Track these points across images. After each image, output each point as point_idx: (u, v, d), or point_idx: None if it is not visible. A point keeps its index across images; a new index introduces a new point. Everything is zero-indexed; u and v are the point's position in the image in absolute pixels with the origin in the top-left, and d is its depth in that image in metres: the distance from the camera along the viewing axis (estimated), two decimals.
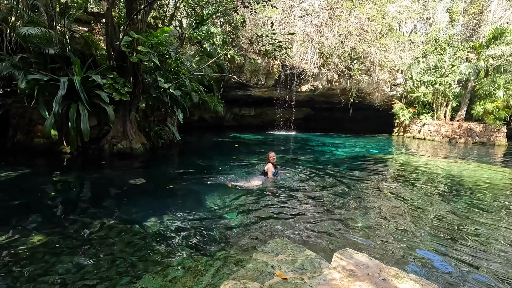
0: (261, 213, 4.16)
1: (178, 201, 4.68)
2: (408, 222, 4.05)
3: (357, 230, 3.67)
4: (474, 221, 4.16)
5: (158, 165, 7.84)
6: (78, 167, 7.14)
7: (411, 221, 4.09)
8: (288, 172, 6.78)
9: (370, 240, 3.40)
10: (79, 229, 3.46)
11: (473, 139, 17.82)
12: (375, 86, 19.18)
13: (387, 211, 4.50)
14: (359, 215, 4.20)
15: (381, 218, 4.16)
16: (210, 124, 20.32)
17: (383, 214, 4.34)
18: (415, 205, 4.85)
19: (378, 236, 3.51)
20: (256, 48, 15.50)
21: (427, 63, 19.64)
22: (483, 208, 4.82)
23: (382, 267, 1.90)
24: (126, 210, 4.18)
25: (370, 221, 3.98)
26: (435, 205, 4.89)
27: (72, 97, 7.40)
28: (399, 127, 21.42)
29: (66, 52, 8.41)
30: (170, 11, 13.19)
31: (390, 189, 5.86)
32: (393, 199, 5.13)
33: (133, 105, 8.63)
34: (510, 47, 16.31)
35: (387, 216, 4.25)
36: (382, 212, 4.41)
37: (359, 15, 16.75)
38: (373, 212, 4.37)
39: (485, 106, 17.53)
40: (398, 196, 5.37)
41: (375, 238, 3.47)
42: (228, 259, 2.73)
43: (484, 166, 9.18)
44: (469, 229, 3.85)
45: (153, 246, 3.10)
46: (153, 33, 8.02)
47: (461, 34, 21.93)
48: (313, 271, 2.25)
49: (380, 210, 4.49)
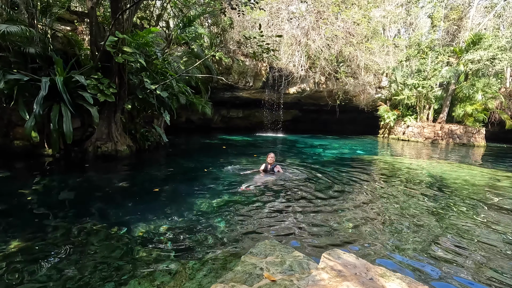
0: (249, 215, 4.15)
1: (165, 204, 4.61)
2: (394, 221, 4.14)
3: (345, 230, 3.72)
4: (456, 219, 4.30)
5: (144, 167, 7.70)
6: (60, 170, 6.91)
7: (396, 220, 4.18)
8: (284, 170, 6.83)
9: (358, 240, 3.45)
10: (61, 235, 3.34)
11: (454, 141, 18.45)
12: (361, 88, 19.58)
13: (374, 211, 4.58)
14: (347, 215, 4.26)
15: (368, 217, 4.23)
16: (198, 125, 20.15)
17: (370, 214, 4.42)
18: (400, 204, 4.97)
19: (365, 236, 3.56)
20: (244, 50, 15.53)
21: (411, 67, 20.22)
22: (464, 206, 4.98)
23: (369, 267, 1.93)
24: (111, 214, 4.08)
25: (357, 221, 4.04)
26: (419, 204, 5.02)
27: (54, 98, 7.17)
28: (384, 129, 21.92)
29: (48, 52, 8.14)
30: (157, 12, 13.04)
31: (376, 190, 5.97)
32: (379, 199, 5.23)
33: (118, 106, 8.45)
34: (488, 52, 17.02)
35: (374, 216, 4.32)
36: (369, 212, 4.49)
37: (345, 19, 17.07)
38: (360, 212, 4.44)
39: (465, 108, 18.19)
40: (384, 196, 5.48)
41: (363, 237, 3.52)
42: (216, 262, 2.70)
43: (464, 166, 9.51)
44: (452, 227, 3.97)
45: (139, 250, 3.03)
46: (139, 33, 7.89)
47: (442, 39, 22.74)
48: (301, 272, 2.25)
49: (367, 210, 4.57)
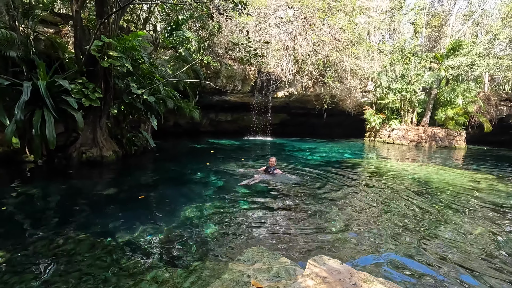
0: (237, 221, 4.16)
1: (151, 211, 4.56)
2: (379, 225, 4.24)
3: (332, 235, 3.78)
4: (439, 221, 4.44)
5: (131, 173, 7.58)
6: (43, 177, 6.71)
7: (382, 224, 4.29)
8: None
9: (344, 244, 3.51)
10: (43, 245, 3.25)
11: (437, 143, 19.05)
12: (347, 92, 19.97)
13: (360, 214, 4.68)
14: (334, 220, 4.33)
15: (354, 221, 4.31)
16: (186, 129, 19.99)
17: (356, 217, 4.51)
18: (385, 208, 5.09)
19: (351, 240, 3.64)
20: (233, 54, 15.59)
21: (395, 72, 20.81)
22: (447, 210, 5.16)
23: (353, 272, 1.98)
24: (96, 222, 4.00)
25: (344, 226, 4.11)
26: (404, 208, 5.16)
27: (36, 103, 6.98)
28: (370, 132, 22.40)
29: (30, 55, 7.94)
30: (144, 15, 12.93)
31: (363, 194, 6.10)
32: (365, 203, 5.35)
33: (104, 111, 8.30)
34: (467, 58, 17.75)
35: (360, 220, 4.42)
36: (356, 216, 4.58)
37: (331, 24, 17.43)
38: (346, 216, 4.52)
39: (447, 112, 18.85)
40: (370, 200, 5.60)
41: (349, 242, 3.59)
42: (203, 270, 2.70)
43: (446, 169, 9.83)
44: (434, 229, 4.10)
45: (124, 259, 2.99)
46: (125, 37, 7.80)
47: (425, 45, 23.55)
48: (288, 278, 2.29)
49: (353, 214, 4.66)
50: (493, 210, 5.23)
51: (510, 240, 3.89)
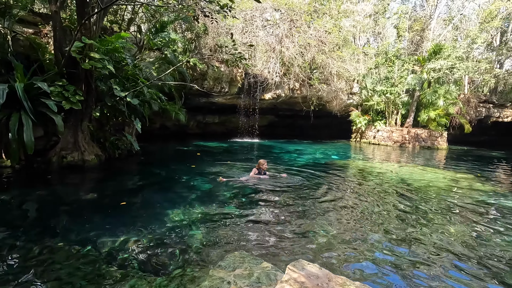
0: (220, 225, 4.13)
1: (134, 217, 4.46)
2: (362, 228, 4.30)
3: (315, 238, 3.80)
4: (421, 222, 4.55)
5: (114, 178, 7.41)
6: (20, 183, 6.46)
7: (364, 227, 4.35)
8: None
9: (326, 248, 3.54)
10: (19, 255, 3.13)
11: (420, 144, 19.57)
12: (333, 94, 20.24)
13: (344, 217, 4.74)
14: (317, 222, 4.36)
15: (338, 224, 4.36)
16: (173, 132, 19.74)
17: (339, 220, 4.56)
18: (369, 211, 5.17)
19: (333, 243, 3.67)
20: (219, 56, 15.52)
21: (379, 74, 21.26)
22: (429, 210, 5.29)
23: (331, 277, 2.00)
24: (76, 229, 3.87)
25: (328, 228, 4.14)
26: (388, 210, 5.26)
27: (13, 106, 6.72)
28: (356, 133, 22.78)
29: (7, 56, 7.65)
30: (128, 16, 12.71)
31: (348, 195, 6.18)
32: (350, 205, 5.42)
33: (85, 114, 8.09)
34: (447, 61, 18.36)
35: (343, 223, 4.47)
36: (339, 218, 4.63)
37: (317, 27, 17.64)
38: (330, 218, 4.57)
39: (429, 113, 19.42)
40: (355, 202, 5.68)
41: (331, 245, 3.62)
42: (184, 278, 2.65)
43: (428, 169, 10.11)
44: (416, 230, 4.20)
45: (104, 268, 2.91)
46: (108, 38, 7.64)
47: (407, 48, 24.20)
48: (268, 284, 2.28)
49: (337, 216, 4.71)
50: (471, 210, 5.40)
51: (488, 238, 4.02)
